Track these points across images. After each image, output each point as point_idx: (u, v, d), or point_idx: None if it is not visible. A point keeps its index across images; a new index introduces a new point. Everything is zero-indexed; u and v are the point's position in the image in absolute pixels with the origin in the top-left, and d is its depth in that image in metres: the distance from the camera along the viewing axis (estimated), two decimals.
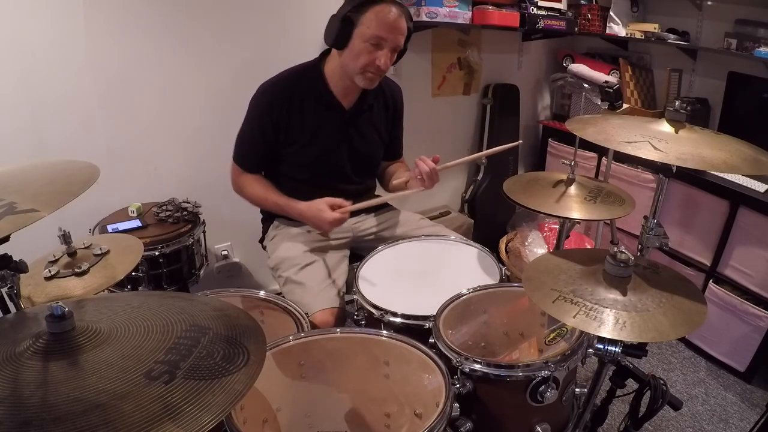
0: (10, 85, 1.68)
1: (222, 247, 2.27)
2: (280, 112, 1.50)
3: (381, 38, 1.38)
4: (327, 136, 1.55)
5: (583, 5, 2.68)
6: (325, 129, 1.54)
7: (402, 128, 1.77)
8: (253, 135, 1.54)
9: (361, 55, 1.40)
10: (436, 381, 0.98)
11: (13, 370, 0.62)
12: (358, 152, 1.61)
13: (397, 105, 1.70)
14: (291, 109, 1.50)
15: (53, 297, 1.07)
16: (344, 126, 1.56)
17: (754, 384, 2.02)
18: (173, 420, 0.56)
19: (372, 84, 1.47)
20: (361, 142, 1.61)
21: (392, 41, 1.40)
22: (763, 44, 2.05)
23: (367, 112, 1.60)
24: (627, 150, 1.08)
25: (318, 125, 1.53)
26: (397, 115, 1.71)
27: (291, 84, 1.52)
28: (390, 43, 1.40)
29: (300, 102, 1.51)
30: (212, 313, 0.78)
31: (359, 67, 1.42)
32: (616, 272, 0.95)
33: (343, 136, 1.57)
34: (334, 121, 1.55)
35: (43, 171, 0.95)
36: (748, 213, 1.96)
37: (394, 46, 1.42)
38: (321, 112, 1.53)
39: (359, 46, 1.40)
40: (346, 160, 1.60)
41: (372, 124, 1.63)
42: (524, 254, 2.43)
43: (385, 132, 1.68)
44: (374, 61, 1.40)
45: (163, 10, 1.86)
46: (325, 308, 1.38)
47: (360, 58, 1.41)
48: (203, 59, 1.99)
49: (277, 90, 1.51)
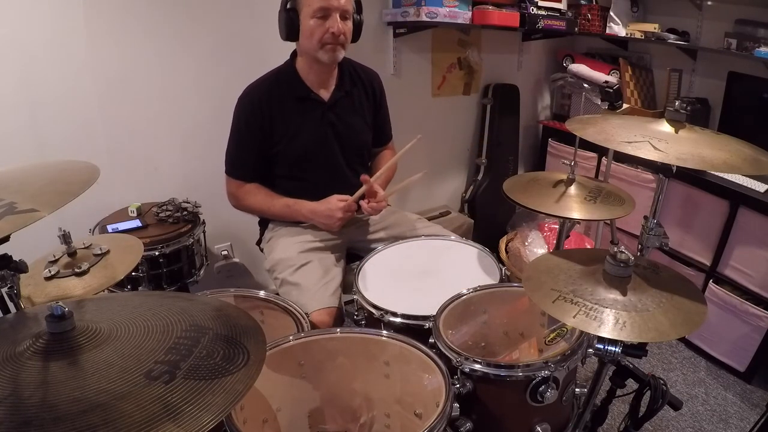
0: (10, 85, 1.68)
1: (222, 247, 2.26)
2: (263, 114, 1.52)
3: (324, 8, 1.41)
4: (311, 130, 1.56)
5: (583, 5, 2.68)
6: (308, 123, 1.56)
7: (387, 112, 1.79)
8: (243, 142, 1.56)
9: (314, 32, 1.43)
10: (436, 381, 0.98)
11: (13, 370, 0.62)
12: (346, 140, 1.62)
13: (377, 90, 1.71)
14: (272, 110, 1.53)
15: (53, 297, 1.07)
16: (326, 117, 1.58)
17: (754, 384, 2.02)
18: (173, 420, 0.56)
19: (336, 55, 1.48)
20: (347, 130, 1.62)
21: (336, 6, 1.42)
22: (763, 44, 2.05)
23: (346, 99, 1.61)
24: (627, 150, 1.07)
25: (301, 121, 1.56)
26: (378, 100, 1.73)
27: (268, 86, 1.55)
28: (335, 9, 1.42)
29: (280, 102, 1.53)
30: (212, 313, 0.78)
31: (317, 43, 1.44)
32: (616, 272, 0.95)
33: (328, 127, 1.59)
34: (315, 115, 1.57)
35: (43, 171, 0.95)
36: (748, 213, 1.96)
37: (341, 11, 1.43)
38: (301, 108, 1.56)
39: (308, 24, 1.43)
40: (337, 150, 1.61)
41: (354, 110, 1.64)
42: (524, 254, 2.43)
43: (369, 117, 1.70)
44: (328, 30, 1.42)
45: (164, 10, 1.86)
46: (321, 308, 1.38)
47: (315, 35, 1.43)
48: (203, 59, 1.99)
49: (256, 94, 1.54)
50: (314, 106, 1.57)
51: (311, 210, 1.52)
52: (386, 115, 1.79)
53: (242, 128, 1.55)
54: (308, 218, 1.55)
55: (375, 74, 1.73)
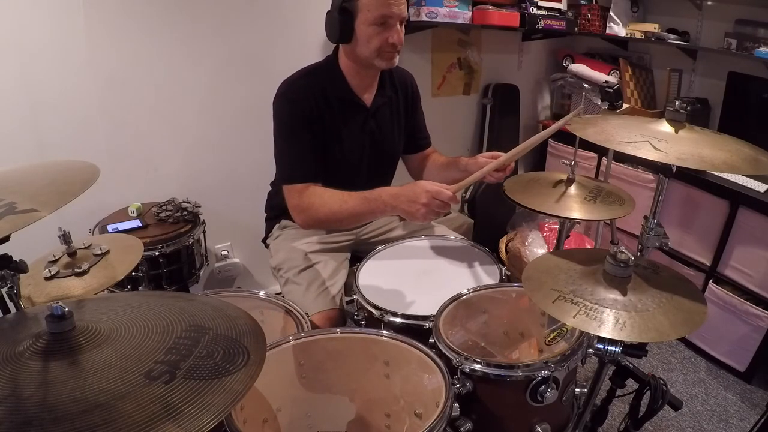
0: (10, 85, 1.68)
1: (222, 247, 2.27)
2: (310, 106, 1.40)
3: (386, 16, 1.33)
4: (351, 136, 1.49)
5: (583, 5, 2.68)
6: (350, 128, 1.48)
7: (423, 114, 1.70)
8: (296, 138, 1.41)
9: (372, 40, 1.35)
10: (436, 381, 0.98)
11: (13, 370, 0.62)
12: (381, 150, 1.56)
13: (414, 92, 1.66)
14: (318, 104, 1.42)
15: (53, 297, 1.07)
16: (368, 125, 1.52)
17: (754, 384, 2.02)
18: (173, 420, 0.56)
19: (393, 62, 1.40)
20: (384, 140, 1.56)
21: (398, 14, 1.34)
22: (763, 44, 2.05)
23: (386, 107, 1.55)
24: (627, 150, 1.07)
25: (342, 125, 1.47)
26: (416, 102, 1.67)
27: (311, 80, 1.45)
28: (396, 17, 1.34)
29: (323, 99, 1.43)
30: (212, 313, 0.78)
31: (374, 51, 1.36)
32: (616, 272, 0.95)
33: (366, 134, 1.52)
34: (357, 120, 1.49)
35: (43, 171, 0.95)
36: (748, 213, 1.96)
37: (400, 18, 1.36)
38: (344, 111, 1.47)
39: (367, 31, 1.34)
40: (370, 158, 1.55)
41: (392, 118, 1.58)
42: (524, 254, 2.43)
43: (405, 124, 1.63)
44: (387, 40, 1.34)
45: (164, 10, 1.87)
46: (323, 310, 1.38)
47: (372, 43, 1.35)
48: (203, 59, 1.99)
49: (299, 86, 1.43)
50: (357, 113, 1.49)
51: (393, 195, 1.29)
52: (422, 117, 1.71)
53: (292, 123, 1.40)
54: (391, 205, 1.30)
55: (410, 75, 1.66)
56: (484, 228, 2.83)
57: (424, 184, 1.24)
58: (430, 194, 1.21)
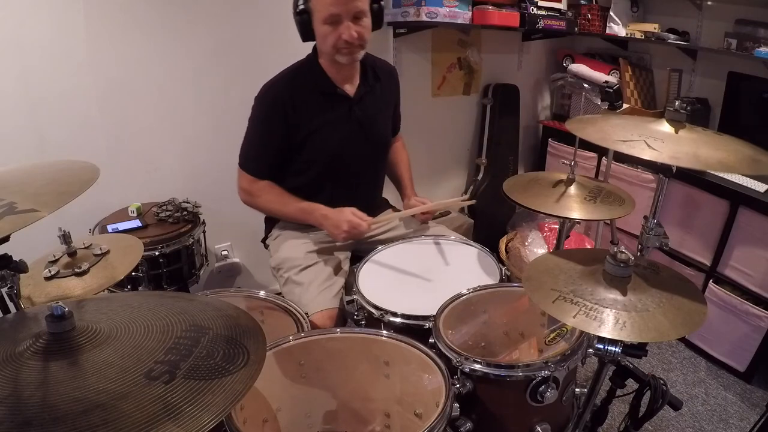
0: (10, 85, 1.68)
1: (222, 247, 2.27)
2: (286, 110, 1.47)
3: (335, 15, 1.37)
4: (338, 127, 1.53)
5: (583, 5, 2.68)
6: (335, 120, 1.53)
7: (400, 104, 1.79)
8: (262, 137, 1.52)
9: (327, 38, 1.40)
10: (436, 381, 0.98)
11: (13, 370, 0.62)
12: (372, 136, 1.60)
13: (396, 83, 1.72)
14: (297, 105, 1.48)
15: (53, 297, 1.07)
16: (353, 113, 1.55)
17: (754, 384, 2.02)
18: (173, 420, 0.56)
19: (353, 56, 1.45)
20: (373, 126, 1.60)
21: (347, 11, 1.37)
22: (763, 44, 2.05)
23: (370, 95, 1.59)
24: (621, 148, 1.07)
25: (327, 117, 1.51)
26: (397, 93, 1.74)
27: (293, 80, 1.51)
28: (346, 14, 1.37)
29: (305, 97, 1.49)
30: (212, 313, 0.78)
31: (331, 48, 1.41)
32: (616, 272, 0.95)
33: (354, 123, 1.55)
34: (342, 111, 1.54)
35: (43, 171, 0.95)
36: (748, 213, 1.96)
37: (352, 14, 1.38)
38: (327, 104, 1.52)
39: (321, 30, 1.40)
40: (364, 145, 1.59)
41: (378, 105, 1.63)
42: (524, 254, 2.43)
43: (390, 111, 1.70)
44: (340, 37, 1.39)
45: (163, 10, 1.87)
46: (323, 310, 1.38)
47: (328, 40, 1.40)
48: (203, 59, 1.99)
49: (279, 87, 1.50)
50: (341, 104, 1.53)
51: (324, 215, 1.48)
52: (399, 106, 1.79)
53: (263, 122, 1.51)
54: (319, 223, 1.51)
55: (393, 68, 1.73)
56: (484, 228, 2.84)
57: (349, 215, 1.44)
58: (351, 224, 1.42)
